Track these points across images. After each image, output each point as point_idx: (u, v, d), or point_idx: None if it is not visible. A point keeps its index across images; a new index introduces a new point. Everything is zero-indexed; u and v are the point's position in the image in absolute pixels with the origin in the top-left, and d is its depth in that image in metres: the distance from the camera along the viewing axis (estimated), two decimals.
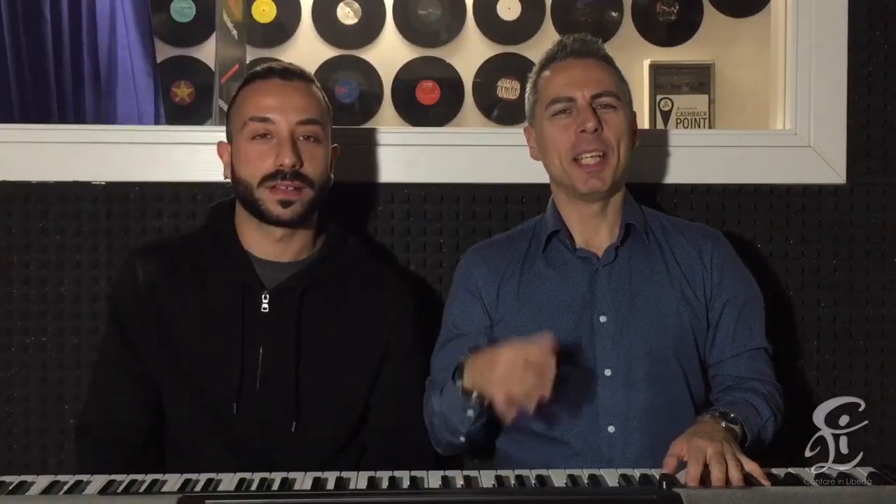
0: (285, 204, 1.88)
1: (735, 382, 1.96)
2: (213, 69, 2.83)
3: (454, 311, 2.02)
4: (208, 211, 2.06)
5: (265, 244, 1.94)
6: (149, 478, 1.65)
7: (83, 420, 1.99)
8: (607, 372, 1.93)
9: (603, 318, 1.94)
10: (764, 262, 2.32)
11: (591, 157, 1.93)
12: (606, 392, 1.92)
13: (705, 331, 1.98)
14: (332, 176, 1.99)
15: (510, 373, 1.70)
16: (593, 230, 1.99)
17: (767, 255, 2.33)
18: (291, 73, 1.94)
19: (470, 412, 1.80)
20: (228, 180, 1.98)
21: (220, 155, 2.00)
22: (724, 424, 1.77)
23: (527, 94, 2.06)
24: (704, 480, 1.62)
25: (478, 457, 2.15)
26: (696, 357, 1.98)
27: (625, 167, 1.97)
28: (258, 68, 1.98)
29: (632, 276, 1.97)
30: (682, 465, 1.67)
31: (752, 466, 1.64)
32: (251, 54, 3.59)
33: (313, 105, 1.93)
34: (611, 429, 1.91)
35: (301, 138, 1.90)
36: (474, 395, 1.76)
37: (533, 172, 2.11)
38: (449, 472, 1.68)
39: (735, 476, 1.61)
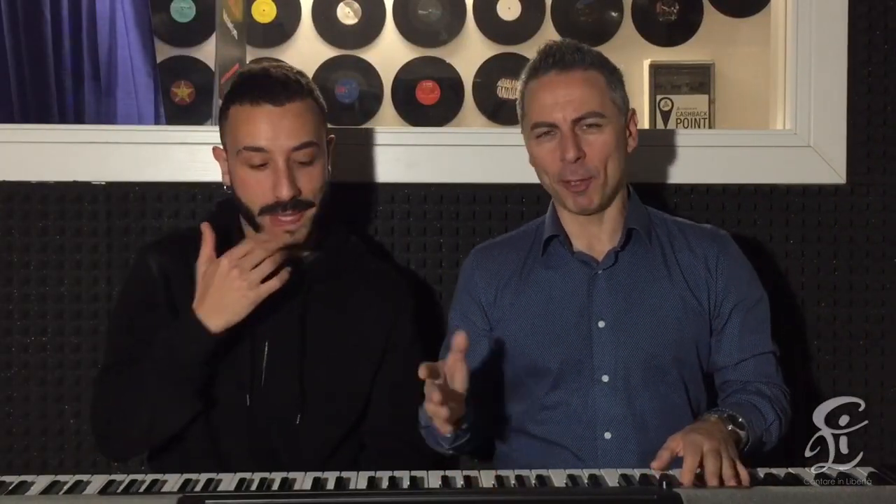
0: (289, 232, 1.89)
1: (741, 387, 1.94)
2: (213, 69, 2.83)
3: (456, 315, 2.03)
4: (213, 207, 2.06)
5: None
6: (149, 478, 1.65)
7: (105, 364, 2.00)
8: (604, 378, 1.92)
9: (601, 324, 1.93)
10: (764, 262, 2.31)
11: (576, 180, 1.91)
12: (603, 398, 1.91)
13: (708, 338, 1.96)
14: (329, 169, 1.99)
15: None
16: (593, 235, 1.97)
17: (767, 255, 2.33)
18: (281, 96, 1.87)
19: (448, 433, 1.79)
20: (228, 186, 1.96)
21: (217, 159, 1.99)
22: (730, 427, 1.76)
23: (517, 102, 2.03)
24: (699, 479, 1.62)
25: (478, 457, 2.15)
26: (697, 364, 1.96)
27: (616, 182, 1.93)
28: (250, 76, 1.92)
29: (632, 281, 1.95)
30: (675, 464, 1.67)
31: (743, 473, 1.62)
32: (251, 54, 3.58)
33: (307, 126, 1.89)
34: (607, 435, 1.91)
35: (297, 163, 1.88)
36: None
37: (532, 172, 2.11)
38: (449, 472, 1.67)
39: (728, 473, 1.60)
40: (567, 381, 1.93)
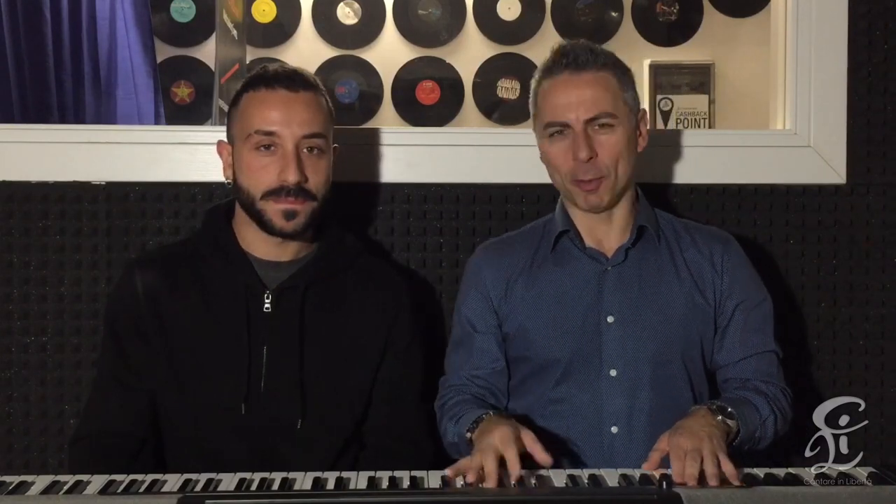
0: (289, 216, 1.89)
1: (741, 384, 1.96)
2: (213, 69, 2.83)
3: (466, 310, 2.03)
4: (203, 215, 2.06)
5: (266, 245, 1.94)
6: (149, 478, 1.65)
7: (77, 433, 1.98)
8: (612, 372, 1.93)
9: (610, 319, 1.94)
10: (764, 262, 2.31)
11: (588, 179, 1.93)
12: (611, 392, 1.93)
13: (713, 335, 1.98)
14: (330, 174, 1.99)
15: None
16: (602, 232, 1.99)
17: (767, 255, 2.33)
18: (297, 83, 1.92)
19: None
20: (229, 181, 1.98)
21: (220, 153, 1.99)
22: (719, 418, 1.77)
23: (529, 100, 2.04)
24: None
25: None
26: (702, 361, 1.98)
27: (626, 181, 1.95)
28: (264, 70, 1.96)
29: (641, 278, 1.97)
30: (665, 461, 1.68)
31: (728, 468, 1.61)
32: (251, 54, 3.59)
33: (318, 117, 1.92)
34: (614, 429, 1.92)
35: (305, 150, 1.90)
36: None
37: (533, 172, 2.11)
38: None
39: (710, 472, 1.60)
40: (575, 375, 1.94)
